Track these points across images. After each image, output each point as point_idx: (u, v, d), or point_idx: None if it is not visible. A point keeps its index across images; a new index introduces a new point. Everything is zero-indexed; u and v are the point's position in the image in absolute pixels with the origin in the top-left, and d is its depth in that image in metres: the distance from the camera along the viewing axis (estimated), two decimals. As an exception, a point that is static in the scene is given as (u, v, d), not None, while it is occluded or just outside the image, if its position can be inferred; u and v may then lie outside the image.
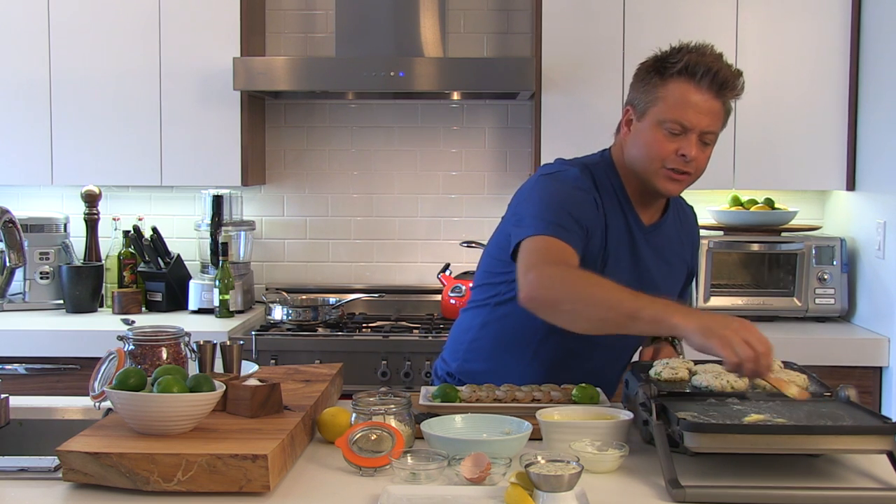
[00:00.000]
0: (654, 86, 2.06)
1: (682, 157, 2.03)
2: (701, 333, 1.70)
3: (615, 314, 1.82)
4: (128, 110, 3.60)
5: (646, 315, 1.77)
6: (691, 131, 2.02)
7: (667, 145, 2.04)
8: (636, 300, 1.80)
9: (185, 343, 1.97)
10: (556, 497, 1.49)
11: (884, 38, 3.31)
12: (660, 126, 2.04)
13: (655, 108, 2.05)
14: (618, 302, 1.81)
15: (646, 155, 2.07)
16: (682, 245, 2.27)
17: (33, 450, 2.00)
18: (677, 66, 2.03)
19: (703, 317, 1.73)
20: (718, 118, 2.06)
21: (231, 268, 3.65)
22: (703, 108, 2.02)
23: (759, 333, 1.70)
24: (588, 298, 1.85)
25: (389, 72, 3.41)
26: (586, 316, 1.87)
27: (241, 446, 1.60)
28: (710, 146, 2.08)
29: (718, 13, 3.51)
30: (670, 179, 2.06)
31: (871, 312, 3.40)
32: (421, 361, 3.27)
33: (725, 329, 1.69)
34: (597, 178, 2.13)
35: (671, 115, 2.02)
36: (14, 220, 2.06)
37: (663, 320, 1.75)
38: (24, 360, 3.28)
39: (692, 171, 2.07)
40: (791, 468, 1.70)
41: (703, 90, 2.02)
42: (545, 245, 1.97)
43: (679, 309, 1.78)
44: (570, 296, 1.87)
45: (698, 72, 2.01)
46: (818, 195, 3.86)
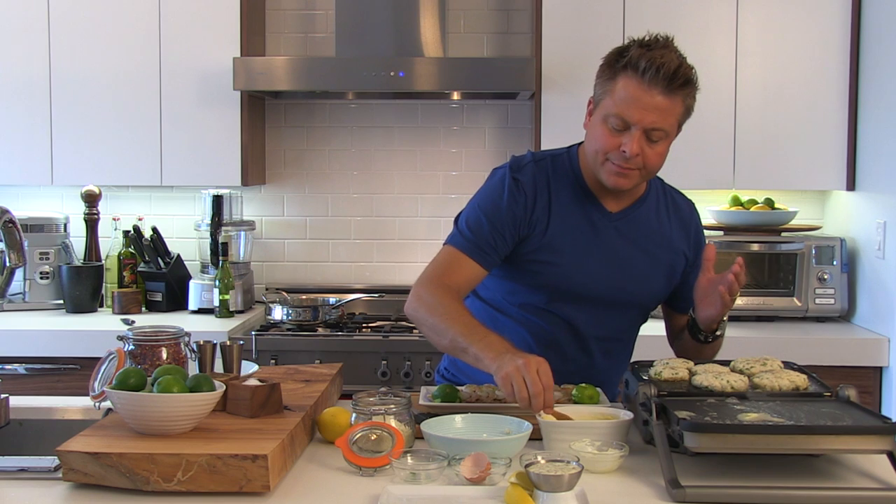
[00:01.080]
0: (606, 80, 2.07)
1: (623, 154, 2.02)
2: (495, 372, 1.85)
3: (452, 346, 2.00)
4: (128, 110, 3.61)
5: (471, 351, 1.94)
6: (634, 127, 2.01)
7: (610, 140, 2.04)
8: (469, 336, 1.95)
9: (185, 343, 1.97)
10: (556, 497, 1.49)
11: (884, 38, 3.31)
12: (605, 121, 2.05)
13: (603, 102, 2.06)
14: (455, 335, 1.98)
15: (591, 148, 2.09)
16: (667, 235, 2.23)
17: (33, 450, 2.00)
18: (624, 60, 2.02)
19: (504, 357, 1.85)
20: (667, 115, 2.02)
21: (231, 268, 3.65)
22: (648, 105, 1.99)
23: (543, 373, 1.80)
24: (436, 327, 2.03)
25: (389, 72, 3.41)
26: (435, 341, 2.07)
27: (241, 446, 1.60)
28: (660, 143, 2.04)
29: (718, 13, 3.51)
30: (615, 173, 2.06)
31: (871, 312, 3.40)
32: (421, 361, 3.27)
33: (511, 365, 1.81)
34: (554, 169, 2.17)
35: (614, 111, 2.02)
36: (14, 220, 2.06)
37: (481, 359, 1.91)
38: (24, 360, 3.28)
39: (638, 167, 2.05)
40: (791, 468, 1.70)
41: (649, 86, 1.99)
42: (446, 259, 2.14)
43: (496, 349, 1.89)
44: (426, 320, 2.06)
45: (642, 66, 1.99)
46: (818, 195, 3.86)
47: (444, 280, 2.10)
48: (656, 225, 2.23)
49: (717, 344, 2.23)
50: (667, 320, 2.38)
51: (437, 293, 2.07)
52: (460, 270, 2.11)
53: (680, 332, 2.31)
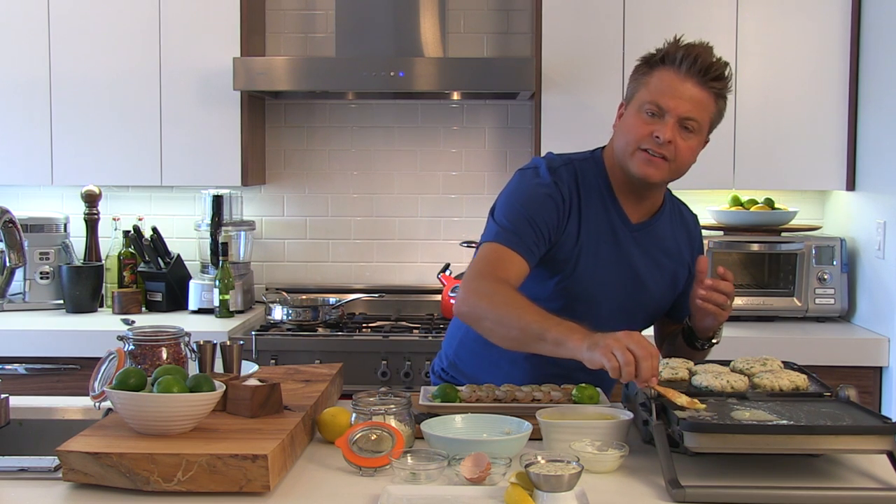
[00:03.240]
0: (642, 75, 2.10)
1: (656, 139, 2.04)
2: (587, 348, 1.78)
3: (524, 335, 1.91)
4: (128, 110, 3.61)
5: (550, 337, 1.85)
6: (668, 114, 2.03)
7: (643, 127, 2.06)
8: (543, 322, 1.88)
9: (185, 343, 1.97)
10: (556, 497, 1.49)
11: (884, 38, 3.31)
12: (640, 110, 2.07)
13: (637, 95, 2.09)
14: (527, 324, 1.89)
15: (622, 140, 2.10)
16: (677, 248, 2.26)
17: (33, 450, 2.00)
18: (661, 54, 2.08)
19: (596, 334, 1.79)
20: (702, 107, 2.05)
21: (231, 268, 3.65)
22: (684, 94, 2.03)
23: (644, 342, 1.74)
24: (502, 318, 1.94)
25: (389, 72, 3.41)
26: (502, 334, 1.97)
27: (241, 446, 1.60)
28: (693, 135, 2.06)
29: (718, 13, 3.51)
30: (645, 162, 2.06)
31: (871, 312, 3.40)
32: (421, 361, 3.27)
33: (608, 338, 1.75)
34: (581, 174, 2.15)
35: (649, 98, 2.05)
36: (14, 220, 2.06)
37: (564, 342, 1.83)
38: (24, 360, 3.28)
39: (669, 156, 2.05)
40: (791, 468, 1.70)
41: (685, 76, 2.04)
42: (491, 255, 2.06)
43: (580, 332, 1.83)
44: (488, 314, 1.97)
45: (678, 58, 2.04)
46: (818, 195, 3.86)
47: (497, 274, 2.03)
48: (669, 238, 2.24)
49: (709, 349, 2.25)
50: (657, 325, 2.38)
51: (495, 286, 1.99)
52: (510, 265, 2.04)
53: (671, 337, 2.31)
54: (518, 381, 2.15)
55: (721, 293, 2.08)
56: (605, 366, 1.73)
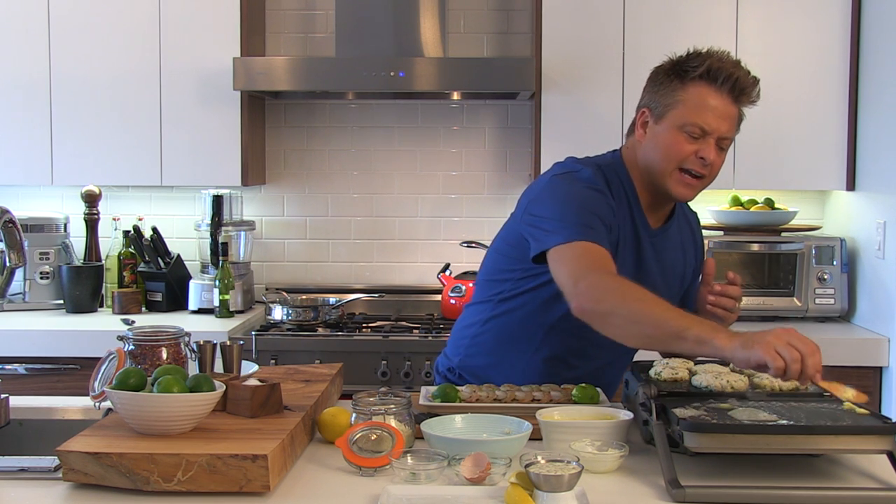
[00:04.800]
0: (674, 89, 2.07)
1: (702, 160, 2.04)
2: (742, 347, 1.71)
3: (661, 332, 1.82)
4: (128, 110, 3.61)
5: (691, 335, 1.77)
6: (710, 135, 2.04)
7: (686, 147, 2.05)
8: (682, 319, 1.80)
9: (185, 343, 1.97)
10: (556, 497, 1.49)
11: (884, 38, 3.31)
12: (680, 129, 2.05)
13: (675, 112, 2.05)
14: (665, 321, 1.81)
15: (663, 157, 2.06)
16: (683, 251, 2.27)
17: (33, 450, 2.00)
18: (699, 70, 2.05)
19: (745, 334, 1.73)
20: (734, 124, 2.08)
21: (231, 268, 3.65)
22: (723, 113, 2.04)
23: (803, 336, 1.70)
24: (636, 315, 1.85)
25: (389, 72, 3.41)
26: (634, 332, 1.88)
27: (241, 446, 1.60)
28: (724, 151, 2.08)
29: (718, 13, 3.51)
30: (684, 184, 2.07)
31: (871, 312, 3.40)
32: (421, 361, 3.27)
33: (767, 335, 1.70)
34: (609, 178, 2.13)
35: (692, 119, 2.03)
36: (14, 220, 2.06)
37: (708, 341, 1.75)
38: (24, 360, 3.28)
39: (707, 175, 2.08)
40: (791, 468, 1.70)
41: (723, 95, 2.04)
42: (585, 252, 1.96)
43: (723, 330, 1.78)
44: (619, 310, 1.86)
45: (720, 77, 2.03)
46: (818, 195, 3.86)
47: (607, 268, 1.94)
48: (678, 241, 2.25)
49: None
50: None
51: (618, 281, 1.91)
52: (608, 260, 1.97)
53: None
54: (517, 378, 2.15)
55: (730, 297, 2.07)
56: (767, 364, 1.67)
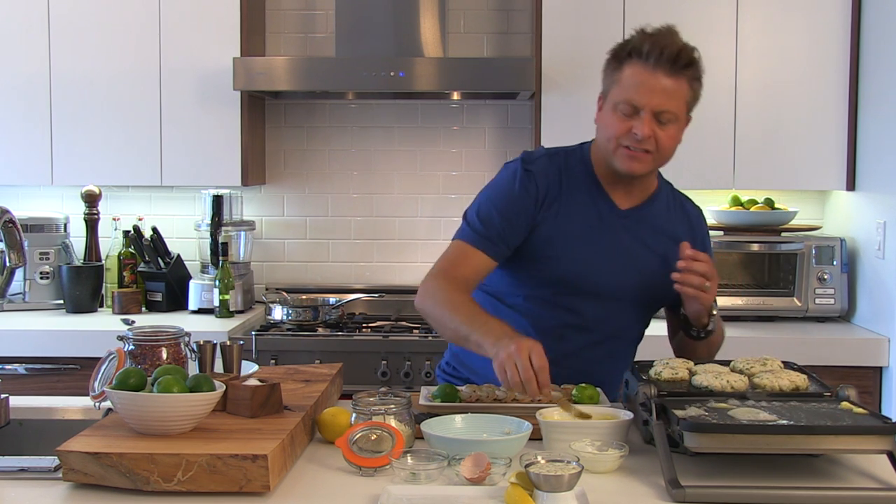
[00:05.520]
0: (613, 71, 2.13)
1: (635, 136, 2.07)
2: (493, 359, 1.90)
3: (456, 336, 2.07)
4: (128, 110, 3.61)
5: (472, 339, 1.99)
6: (642, 110, 2.06)
7: (620, 125, 2.08)
8: (470, 324, 2.01)
9: (185, 343, 1.97)
10: (556, 497, 1.49)
11: (884, 38, 3.31)
12: (615, 109, 2.10)
13: (612, 92, 2.12)
14: (457, 325, 2.04)
15: (605, 136, 2.13)
16: (673, 233, 2.24)
17: (33, 450, 2.00)
18: (628, 48, 2.11)
19: (501, 342, 1.90)
20: (676, 96, 2.08)
21: (231, 268, 3.65)
22: (655, 88, 2.06)
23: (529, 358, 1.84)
24: (440, 318, 2.09)
25: (389, 72, 3.41)
26: (441, 332, 2.14)
27: (241, 446, 1.60)
28: (670, 125, 2.09)
29: (718, 13, 3.51)
30: (627, 157, 2.10)
31: (871, 312, 3.40)
32: (421, 361, 3.27)
33: (502, 354, 1.87)
34: (567, 164, 2.21)
35: (623, 97, 2.08)
36: (14, 220, 2.06)
37: (482, 345, 1.96)
38: (24, 360, 3.28)
39: (651, 149, 2.09)
40: (791, 468, 1.70)
41: (654, 69, 2.06)
42: (453, 253, 2.17)
43: (495, 335, 1.93)
44: (431, 313, 2.12)
45: (648, 52, 2.07)
46: (818, 195, 3.86)
47: (451, 273, 2.13)
48: (665, 225, 2.25)
49: (712, 342, 2.24)
50: (668, 320, 2.38)
51: (443, 286, 2.11)
52: (469, 263, 2.14)
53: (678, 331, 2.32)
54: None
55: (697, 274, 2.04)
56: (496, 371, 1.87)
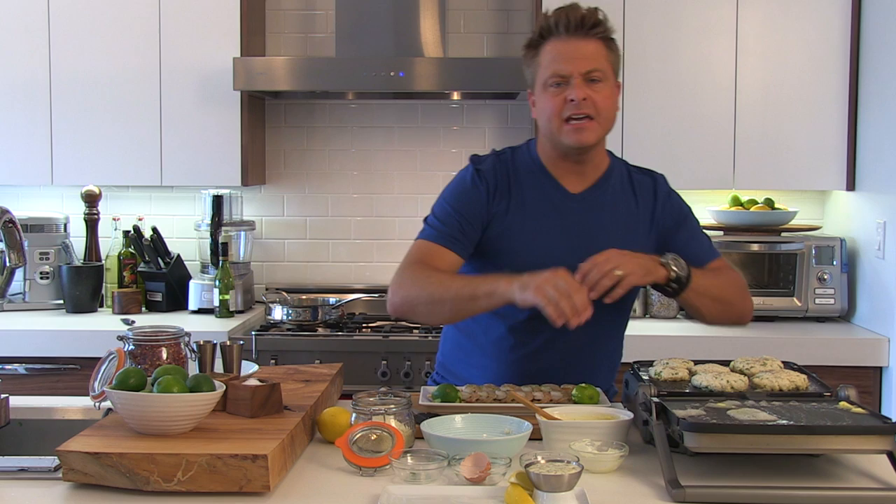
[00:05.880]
0: (532, 58, 2.18)
1: (572, 102, 2.10)
2: (520, 289, 1.92)
3: (458, 301, 2.04)
4: (128, 110, 3.61)
5: (481, 292, 2.00)
6: (571, 77, 2.10)
7: (555, 99, 2.12)
8: (471, 282, 2.04)
9: (185, 343, 1.97)
10: (556, 497, 1.49)
11: (884, 38, 3.31)
12: (545, 88, 2.14)
13: (537, 76, 2.17)
14: (457, 291, 2.04)
15: (546, 118, 2.15)
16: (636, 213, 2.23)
17: (33, 450, 2.00)
18: (537, 32, 2.16)
19: (524, 276, 1.93)
20: (597, 56, 2.12)
21: (231, 268, 3.65)
22: (574, 54, 2.11)
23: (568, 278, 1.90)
24: (433, 296, 2.06)
25: (389, 72, 3.41)
26: (438, 311, 2.10)
27: (241, 446, 1.60)
28: (601, 84, 2.12)
29: (718, 13, 3.51)
30: (573, 130, 2.12)
31: (871, 312, 3.40)
32: (421, 361, 3.27)
33: (537, 278, 1.90)
34: (514, 159, 2.25)
35: (547, 73, 2.13)
36: (14, 220, 2.06)
37: (494, 291, 1.98)
38: (24, 360, 3.28)
39: (593, 113, 2.11)
40: (791, 468, 1.70)
41: (566, 38, 2.11)
42: (419, 251, 2.18)
43: (505, 277, 1.97)
44: (420, 296, 2.08)
45: (552, 24, 2.12)
46: (818, 195, 3.86)
47: (424, 263, 2.15)
48: (623, 201, 2.24)
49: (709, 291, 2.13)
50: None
51: (419, 272, 2.12)
52: (435, 258, 2.16)
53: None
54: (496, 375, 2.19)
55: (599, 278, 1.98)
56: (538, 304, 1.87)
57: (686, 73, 3.52)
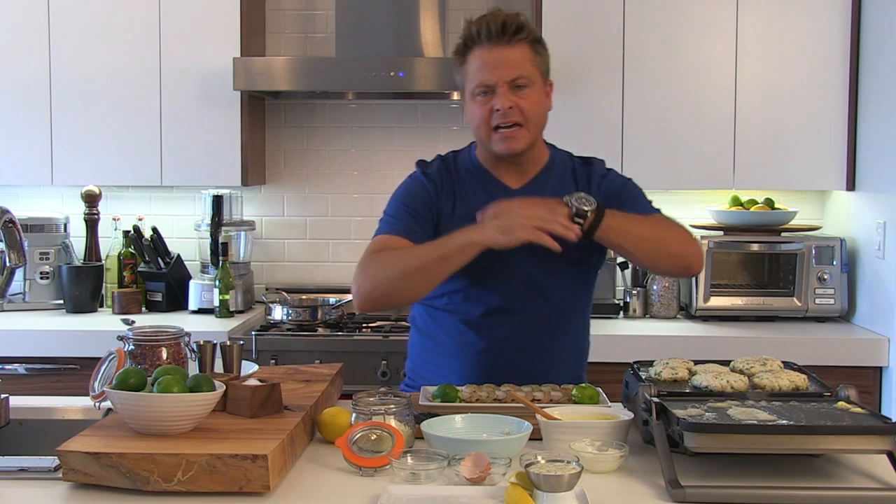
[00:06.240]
0: (461, 66, 2.21)
1: (498, 112, 2.12)
2: (501, 233, 1.97)
3: (431, 265, 2.04)
4: (128, 110, 3.61)
5: (451, 249, 2.02)
6: (496, 86, 2.12)
7: (482, 109, 2.15)
8: (438, 244, 2.06)
9: (185, 343, 1.97)
10: (556, 497, 1.49)
11: (884, 38, 3.31)
12: (472, 97, 2.17)
13: (465, 84, 2.19)
14: (426, 255, 2.05)
15: (475, 126, 2.19)
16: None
17: (33, 450, 2.00)
18: (462, 41, 2.18)
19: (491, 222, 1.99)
20: (522, 62, 2.13)
21: (231, 268, 3.65)
22: (497, 62, 2.12)
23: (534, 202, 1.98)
24: (405, 267, 2.07)
25: (389, 72, 3.42)
26: (412, 283, 2.08)
27: (241, 446, 1.60)
28: (528, 90, 2.14)
29: (718, 13, 3.51)
30: (501, 139, 2.16)
31: (871, 312, 3.40)
32: (421, 361, 3.27)
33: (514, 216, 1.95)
34: (456, 162, 2.31)
35: (473, 83, 2.16)
36: (14, 220, 2.06)
37: (467, 244, 2.00)
38: (24, 360, 3.28)
39: (521, 120, 2.14)
40: (791, 468, 1.70)
41: (490, 46, 2.13)
42: (382, 242, 2.19)
43: (471, 228, 2.02)
44: (391, 275, 2.08)
45: (474, 33, 2.14)
46: (818, 195, 3.86)
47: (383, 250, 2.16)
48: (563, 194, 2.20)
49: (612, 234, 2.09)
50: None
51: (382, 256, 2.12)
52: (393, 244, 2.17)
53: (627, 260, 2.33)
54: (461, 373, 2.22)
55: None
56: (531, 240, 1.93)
57: (686, 73, 3.52)
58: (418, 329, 2.37)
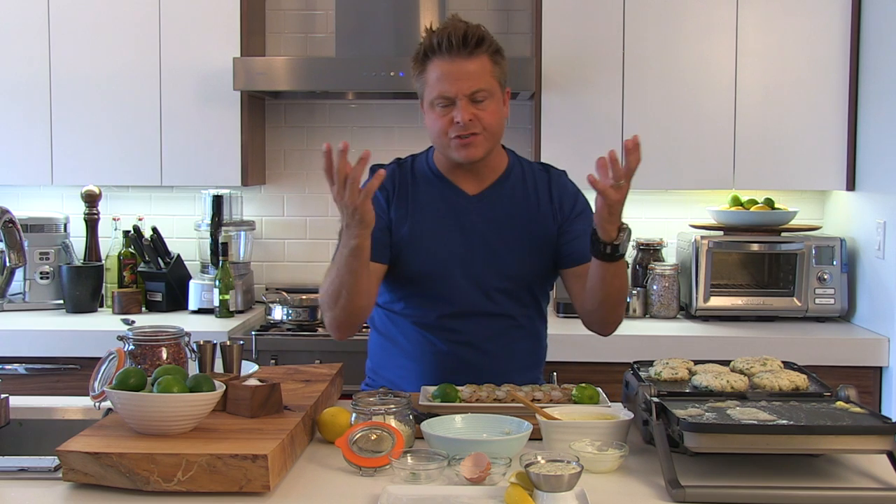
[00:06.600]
0: (420, 74, 2.21)
1: (458, 125, 2.13)
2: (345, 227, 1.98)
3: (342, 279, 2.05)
4: (128, 110, 3.61)
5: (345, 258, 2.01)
6: (455, 99, 2.13)
7: (441, 120, 2.16)
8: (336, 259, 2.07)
9: (185, 343, 1.97)
10: (556, 497, 1.49)
11: (884, 38, 3.31)
12: (432, 107, 2.17)
13: (425, 93, 2.19)
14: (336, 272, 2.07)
15: (434, 135, 2.20)
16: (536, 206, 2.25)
17: (33, 450, 2.00)
18: (423, 49, 2.18)
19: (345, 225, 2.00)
20: (482, 74, 2.13)
21: (231, 268, 3.65)
22: (457, 74, 2.12)
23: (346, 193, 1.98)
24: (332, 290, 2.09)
25: (389, 72, 3.42)
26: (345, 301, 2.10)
27: (241, 446, 1.60)
28: (487, 102, 2.14)
29: (718, 13, 3.51)
30: (460, 146, 2.16)
31: (871, 312, 3.40)
32: (421, 361, 3.26)
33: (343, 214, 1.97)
34: (413, 168, 2.31)
35: (433, 94, 2.16)
36: (14, 220, 2.06)
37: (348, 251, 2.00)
38: (24, 360, 3.28)
39: (478, 130, 2.14)
40: (791, 468, 1.70)
41: (451, 58, 2.13)
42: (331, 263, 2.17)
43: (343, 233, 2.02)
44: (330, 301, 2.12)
45: (435, 44, 2.14)
46: (818, 195, 3.86)
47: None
48: (521, 200, 2.27)
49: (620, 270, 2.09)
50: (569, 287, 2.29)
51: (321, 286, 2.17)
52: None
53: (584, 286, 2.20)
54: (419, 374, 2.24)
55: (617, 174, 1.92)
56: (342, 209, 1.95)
57: (686, 72, 3.52)
58: (377, 331, 2.39)
